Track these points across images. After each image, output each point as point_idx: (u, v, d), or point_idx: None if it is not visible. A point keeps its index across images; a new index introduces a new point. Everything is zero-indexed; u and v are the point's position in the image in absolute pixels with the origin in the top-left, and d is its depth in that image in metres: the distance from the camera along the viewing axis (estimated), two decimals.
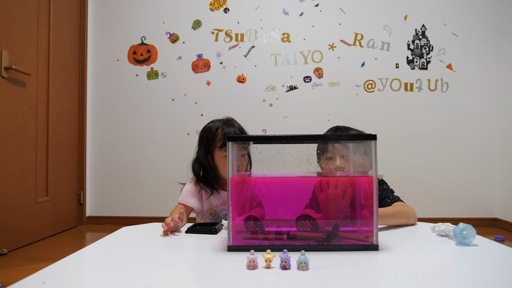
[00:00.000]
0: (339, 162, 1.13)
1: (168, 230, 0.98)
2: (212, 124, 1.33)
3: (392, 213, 1.05)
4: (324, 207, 0.84)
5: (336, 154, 1.14)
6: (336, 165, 1.14)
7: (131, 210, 2.98)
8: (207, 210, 1.33)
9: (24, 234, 2.25)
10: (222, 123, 1.32)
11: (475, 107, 2.92)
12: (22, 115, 2.22)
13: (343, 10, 2.97)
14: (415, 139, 2.93)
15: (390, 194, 1.20)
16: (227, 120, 1.34)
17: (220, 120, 1.34)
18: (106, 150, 3.02)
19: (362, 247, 0.81)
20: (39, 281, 0.62)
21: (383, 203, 1.17)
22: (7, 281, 1.59)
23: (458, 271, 0.70)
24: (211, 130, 1.31)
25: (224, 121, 1.33)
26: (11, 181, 2.12)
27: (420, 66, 2.94)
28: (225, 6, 3.00)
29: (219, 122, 1.33)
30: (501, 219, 2.82)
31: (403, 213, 1.06)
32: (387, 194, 1.20)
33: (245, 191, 0.88)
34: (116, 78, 3.03)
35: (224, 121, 1.33)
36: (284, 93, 2.97)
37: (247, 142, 1.10)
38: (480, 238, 0.90)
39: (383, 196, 1.19)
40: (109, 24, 3.04)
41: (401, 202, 1.15)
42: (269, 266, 0.68)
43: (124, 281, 0.64)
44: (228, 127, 1.30)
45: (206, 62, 2.99)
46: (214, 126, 1.31)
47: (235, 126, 1.32)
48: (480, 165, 2.90)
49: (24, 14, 2.25)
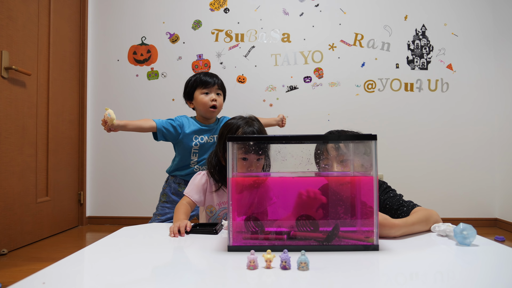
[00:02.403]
0: (336, 168, 1.11)
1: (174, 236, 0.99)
2: (234, 121, 1.31)
3: (419, 220, 0.99)
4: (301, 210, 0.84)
5: (333, 161, 1.11)
6: (334, 170, 1.12)
7: (131, 210, 2.98)
8: (208, 206, 1.33)
9: (24, 234, 2.25)
10: (244, 122, 1.29)
11: (475, 107, 2.92)
12: (22, 115, 2.22)
13: (343, 10, 2.97)
14: (415, 139, 2.93)
15: (402, 201, 1.13)
16: (249, 119, 1.31)
17: (243, 118, 1.31)
18: (106, 150, 3.02)
19: (362, 247, 0.81)
20: (39, 281, 0.62)
21: (399, 212, 1.10)
22: (7, 281, 1.59)
23: (458, 271, 0.70)
24: (232, 128, 1.29)
25: (246, 120, 1.30)
26: (11, 181, 2.12)
27: (420, 66, 2.94)
28: (225, 6, 3.00)
29: (241, 121, 1.30)
30: (501, 219, 2.81)
31: (430, 218, 1.01)
32: (400, 203, 1.13)
33: (252, 195, 0.87)
34: (116, 78, 3.03)
35: (247, 121, 1.30)
36: (284, 93, 2.97)
37: (265, 144, 1.10)
38: (480, 238, 0.90)
39: (397, 206, 1.12)
40: (109, 24, 3.04)
41: (420, 207, 1.09)
42: (269, 266, 0.68)
43: (124, 281, 0.64)
44: (249, 127, 1.27)
45: (206, 62, 2.99)
46: (235, 124, 1.29)
47: (255, 126, 1.29)
48: (481, 165, 2.90)
49: (24, 14, 2.25)
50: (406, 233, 0.95)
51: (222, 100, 1.79)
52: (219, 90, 1.78)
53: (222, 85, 1.81)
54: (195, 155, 1.78)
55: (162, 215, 1.80)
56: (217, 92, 1.76)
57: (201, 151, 1.78)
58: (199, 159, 1.79)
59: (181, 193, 1.77)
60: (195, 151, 1.78)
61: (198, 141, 1.77)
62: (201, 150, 1.78)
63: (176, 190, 1.81)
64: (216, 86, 1.76)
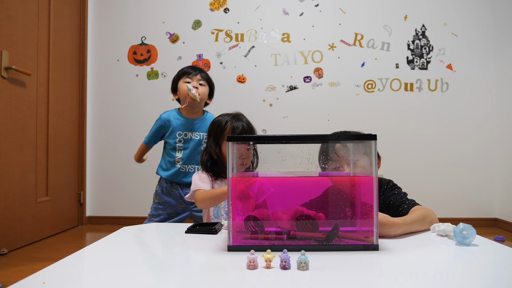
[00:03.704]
0: (345, 168, 1.11)
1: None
2: (221, 117, 1.38)
3: (417, 219, 1.00)
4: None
5: (342, 161, 1.12)
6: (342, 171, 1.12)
7: (131, 210, 2.97)
8: None
9: (24, 234, 2.25)
10: (231, 117, 1.37)
11: (475, 107, 2.92)
12: (22, 115, 2.22)
13: (343, 10, 2.97)
14: (415, 139, 2.93)
15: (405, 199, 1.15)
16: (236, 114, 1.39)
17: (229, 114, 1.39)
18: (106, 150, 3.02)
19: (362, 247, 0.81)
20: (39, 281, 0.62)
21: (400, 209, 1.12)
22: (7, 281, 1.59)
23: (458, 271, 0.70)
24: (220, 124, 1.36)
25: (233, 115, 1.38)
26: (11, 181, 2.12)
27: (420, 66, 2.94)
28: (225, 6, 3.00)
29: (228, 116, 1.38)
30: (501, 219, 2.82)
31: (427, 217, 1.02)
32: (403, 200, 1.15)
33: (250, 189, 0.88)
34: (116, 78, 3.03)
35: (233, 116, 1.38)
36: (284, 93, 2.97)
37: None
38: (480, 238, 0.90)
39: (399, 203, 1.14)
40: (109, 24, 3.04)
41: (419, 206, 1.11)
42: (269, 266, 0.68)
43: (124, 281, 0.64)
44: (237, 122, 1.35)
45: (206, 62, 2.99)
46: (223, 120, 1.36)
47: (243, 120, 1.37)
48: (480, 165, 2.90)
49: (24, 14, 2.25)
50: (406, 231, 0.95)
51: (205, 91, 1.79)
52: (203, 80, 1.79)
53: (208, 78, 1.83)
54: (180, 152, 1.78)
55: (155, 216, 1.81)
56: (200, 82, 1.78)
57: (186, 148, 1.79)
58: (184, 157, 1.78)
59: (174, 193, 1.78)
60: (180, 148, 1.79)
61: (181, 137, 1.78)
62: (186, 147, 1.79)
63: (169, 190, 1.81)
64: (198, 75, 1.78)
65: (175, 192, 1.79)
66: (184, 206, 1.81)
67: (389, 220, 0.92)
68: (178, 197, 1.80)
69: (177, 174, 1.78)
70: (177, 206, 1.81)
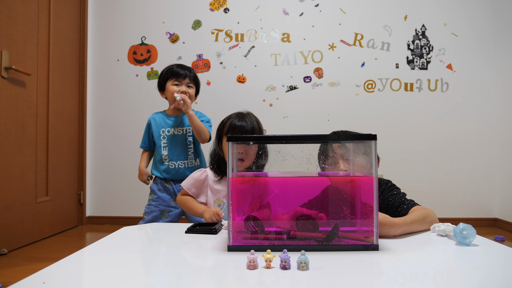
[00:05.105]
0: (342, 165, 1.11)
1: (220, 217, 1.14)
2: (227, 116, 1.41)
3: (417, 219, 1.00)
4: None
5: (339, 159, 1.12)
6: (340, 168, 1.12)
7: (131, 210, 2.97)
8: (215, 201, 1.35)
9: (24, 234, 2.25)
10: (235, 115, 1.38)
11: (475, 106, 2.92)
12: (22, 115, 2.22)
13: (343, 10, 2.97)
14: (415, 139, 2.93)
15: (404, 199, 1.15)
16: (240, 113, 1.39)
17: (236, 113, 1.40)
18: (106, 150, 3.02)
19: (362, 247, 0.81)
20: (39, 281, 0.62)
21: (399, 209, 1.12)
22: (7, 281, 1.59)
23: (458, 271, 0.70)
24: (222, 121, 1.40)
25: (237, 113, 1.39)
26: (11, 181, 2.12)
27: (420, 66, 2.94)
28: (225, 6, 3.00)
29: (233, 114, 1.39)
30: (501, 219, 2.82)
31: (427, 217, 1.02)
32: (402, 201, 1.14)
33: (252, 190, 0.88)
34: (116, 78, 3.03)
35: (237, 114, 1.39)
36: (284, 93, 2.97)
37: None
38: (480, 238, 0.90)
39: (399, 203, 1.14)
40: (109, 24, 3.04)
41: (419, 206, 1.11)
42: (269, 266, 0.68)
43: (124, 281, 0.64)
44: (238, 120, 1.35)
45: (206, 62, 2.99)
46: (226, 117, 1.39)
47: (247, 119, 1.36)
48: (480, 164, 2.90)
49: (24, 14, 2.25)
50: (406, 231, 0.95)
51: (193, 92, 1.81)
52: (191, 83, 1.80)
53: (195, 78, 1.84)
54: (165, 149, 1.79)
55: (148, 214, 1.82)
56: (188, 84, 1.78)
57: (171, 145, 1.79)
58: (170, 153, 1.79)
59: (168, 189, 1.79)
60: (165, 145, 1.80)
61: (165, 134, 1.79)
62: (171, 144, 1.79)
63: (163, 186, 1.83)
64: (187, 78, 1.78)
65: (169, 188, 1.83)
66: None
67: (389, 220, 0.92)
68: (172, 193, 1.83)
69: (167, 171, 1.81)
70: (170, 202, 1.83)
